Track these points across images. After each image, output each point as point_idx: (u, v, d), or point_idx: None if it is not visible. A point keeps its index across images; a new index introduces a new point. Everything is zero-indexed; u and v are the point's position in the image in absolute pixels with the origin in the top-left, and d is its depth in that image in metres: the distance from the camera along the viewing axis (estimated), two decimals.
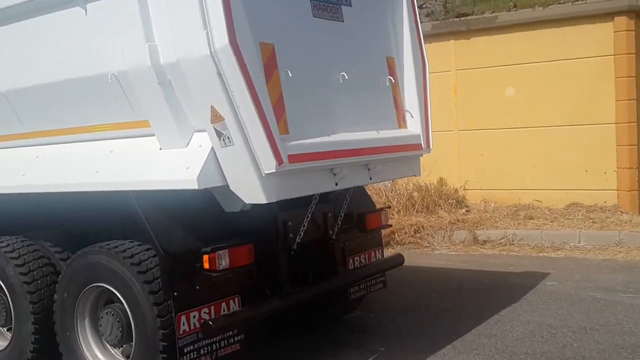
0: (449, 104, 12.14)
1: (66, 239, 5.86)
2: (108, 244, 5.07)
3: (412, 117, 6.14)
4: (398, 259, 6.67)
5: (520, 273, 8.70)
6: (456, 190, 12.01)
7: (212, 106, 4.57)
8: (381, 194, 11.67)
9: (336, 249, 6.03)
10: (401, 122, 6.07)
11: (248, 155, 4.58)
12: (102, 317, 5.23)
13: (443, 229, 10.76)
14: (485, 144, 11.92)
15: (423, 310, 7.31)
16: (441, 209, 11.47)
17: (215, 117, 4.59)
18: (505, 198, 11.68)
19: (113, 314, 5.13)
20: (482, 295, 7.74)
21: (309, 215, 5.46)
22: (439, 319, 6.92)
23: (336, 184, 5.28)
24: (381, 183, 11.72)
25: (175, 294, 4.75)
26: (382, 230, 6.74)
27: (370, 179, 5.68)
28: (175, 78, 4.71)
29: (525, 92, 11.47)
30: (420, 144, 6.08)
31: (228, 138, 4.60)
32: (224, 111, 4.54)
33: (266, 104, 4.59)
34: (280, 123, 4.75)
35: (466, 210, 11.55)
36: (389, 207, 7.63)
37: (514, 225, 10.65)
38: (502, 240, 10.27)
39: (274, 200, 4.72)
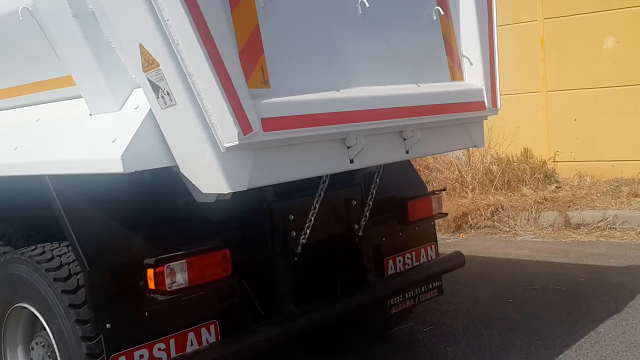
0: (534, 60, 10.05)
1: None
2: (31, 249, 3.56)
3: (472, 64, 4.31)
4: (456, 259, 4.88)
5: (625, 268, 6.70)
6: (544, 162, 9.95)
7: (140, 45, 2.95)
8: (452, 168, 9.78)
9: (365, 248, 4.33)
10: (455, 72, 4.26)
11: (198, 120, 2.94)
12: (32, 349, 3.76)
13: (527, 209, 8.80)
14: (579, 106, 9.78)
15: (495, 323, 5.49)
16: (525, 185, 9.48)
17: (147, 63, 2.96)
18: (604, 171, 9.54)
19: (43, 345, 3.65)
20: (575, 301, 5.82)
21: (317, 205, 3.78)
22: (516, 337, 5.10)
23: (351, 161, 3.56)
24: (453, 154, 9.83)
25: (107, 326, 3.19)
26: (435, 221, 4.96)
27: (407, 152, 3.92)
28: (98, 7, 3.10)
29: (628, 42, 9.23)
30: (483, 102, 4.25)
31: (167, 94, 2.97)
32: (157, 52, 2.91)
33: (226, 40, 2.92)
34: (252, 71, 3.07)
35: (556, 187, 9.50)
36: (444, 189, 5.74)
37: (616, 204, 8.56)
38: (600, 224, 8.23)
39: (245, 188, 3.07)
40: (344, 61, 3.57)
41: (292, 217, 3.80)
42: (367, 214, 4.17)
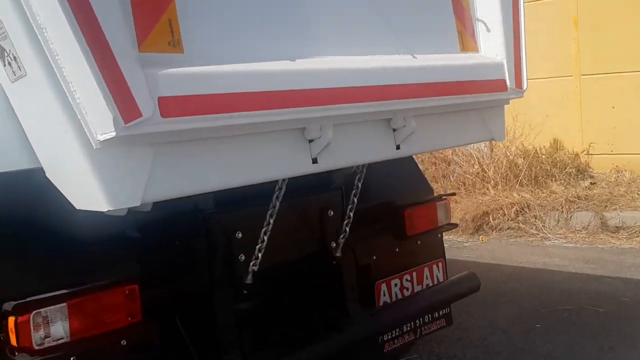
0: (567, 40, 8.87)
1: None
2: None
3: (489, 31, 3.20)
4: (469, 283, 3.78)
5: None
6: (576, 155, 8.75)
7: None
8: (472, 162, 8.62)
9: (346, 272, 3.26)
10: (466, 40, 3.14)
11: (56, 99, 1.89)
12: None
13: (557, 209, 7.63)
14: (617, 92, 8.59)
15: (516, 356, 4.39)
16: (555, 181, 8.30)
17: None
18: None
19: None
20: (617, 328, 4.69)
21: (270, 220, 2.72)
22: None
23: (314, 161, 2.49)
24: (474, 146, 8.68)
25: None
26: (442, 233, 3.86)
27: (398, 147, 2.82)
28: None
29: None
30: (504, 81, 3.14)
31: (14, 59, 1.93)
32: None
33: None
34: (153, 27, 2.01)
35: (590, 183, 8.30)
36: (454, 193, 4.60)
37: None
38: None
39: (138, 204, 2.01)
40: (305, 18, 2.49)
41: (240, 234, 2.75)
42: (347, 228, 3.10)
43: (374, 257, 3.53)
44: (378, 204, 3.56)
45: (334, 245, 3.13)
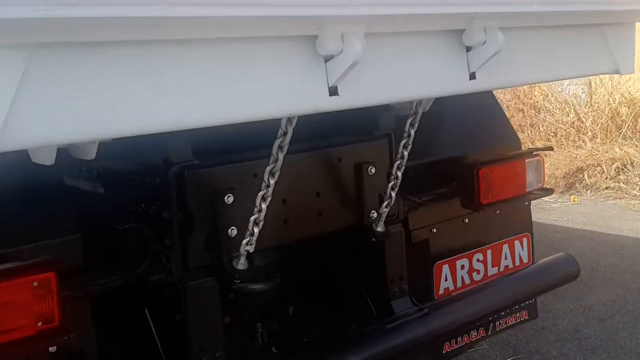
0: None
1: None
2: None
3: None
4: (564, 270, 2.73)
5: None
6: None
7: None
8: (567, 109, 7.37)
9: (391, 253, 2.29)
10: None
11: None
12: None
13: None
14: None
15: (615, 354, 3.37)
16: None
17: None
18: None
19: None
20: None
21: (269, 180, 1.79)
22: None
23: (333, 91, 1.53)
24: (569, 89, 7.41)
25: None
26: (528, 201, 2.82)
27: (473, 77, 1.81)
28: None
29: None
30: None
31: None
32: None
33: None
34: None
35: None
36: (551, 148, 3.39)
37: None
38: None
39: None
40: None
41: (230, 199, 1.85)
42: (393, 192, 2.13)
43: (433, 231, 2.56)
44: (440, 159, 2.57)
45: (375, 215, 2.18)
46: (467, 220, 2.66)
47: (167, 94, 1.30)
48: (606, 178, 6.48)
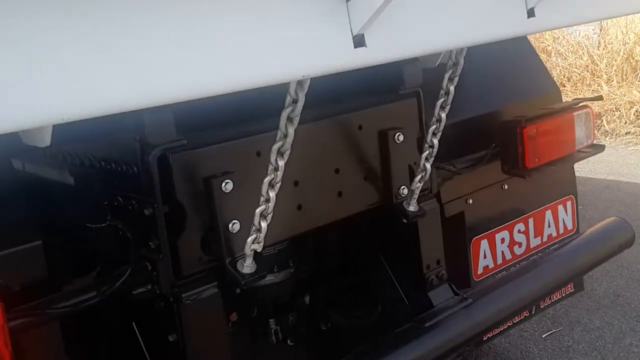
0: None
1: None
2: None
3: None
4: (620, 235, 2.35)
5: None
6: None
7: None
8: (580, 52, 6.91)
9: (425, 237, 1.89)
10: None
11: None
12: None
13: None
14: None
15: None
16: None
17: None
18: None
19: None
20: None
21: (278, 162, 1.38)
22: None
23: (358, 41, 1.12)
24: (581, 31, 6.94)
25: None
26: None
27: (532, 14, 1.40)
28: None
29: None
30: None
31: None
32: None
33: None
34: None
35: None
36: (600, 97, 2.95)
37: None
38: None
39: None
40: None
41: (229, 185, 1.45)
42: (427, 164, 1.73)
43: (469, 202, 2.17)
44: (473, 117, 2.16)
45: (405, 192, 1.78)
46: (506, 187, 2.27)
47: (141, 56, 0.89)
48: (625, 123, 6.07)
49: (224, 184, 1.45)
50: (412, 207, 1.78)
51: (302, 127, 1.53)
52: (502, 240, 2.30)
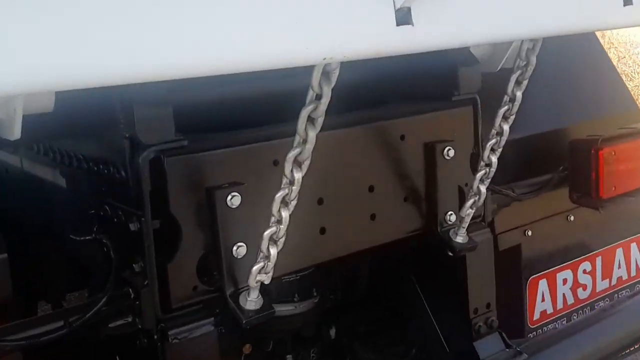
0: None
1: None
2: None
3: None
4: None
5: None
6: None
7: None
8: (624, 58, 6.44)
9: (474, 275, 1.57)
10: None
11: None
12: None
13: None
14: None
15: None
16: None
17: None
18: None
19: None
20: None
21: (294, 175, 1.08)
22: None
23: (401, 17, 0.82)
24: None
25: None
26: None
27: (629, 0, 1.08)
28: None
29: None
30: None
31: None
32: None
33: None
34: None
35: None
36: None
37: None
38: None
39: None
40: None
41: (236, 200, 1.16)
42: (482, 186, 1.41)
43: (528, 234, 1.84)
44: (536, 133, 1.83)
45: (453, 219, 1.47)
46: (572, 218, 1.93)
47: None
48: None
49: (230, 198, 1.17)
50: (461, 238, 1.47)
51: (330, 133, 1.26)
52: (564, 281, 1.95)
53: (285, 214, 1.10)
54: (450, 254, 1.47)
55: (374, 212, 1.40)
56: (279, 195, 1.08)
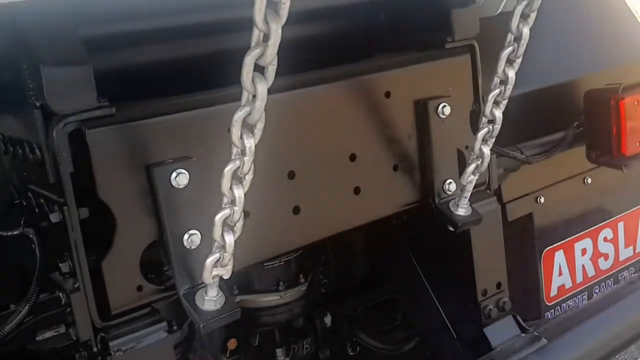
0: None
1: None
2: None
3: None
4: None
5: None
6: None
7: None
8: None
9: (481, 252, 1.34)
10: None
11: None
12: None
13: None
14: None
15: None
16: None
17: None
18: None
19: None
20: None
21: (246, 144, 0.85)
22: None
23: None
24: None
25: None
26: None
27: None
28: None
29: None
30: None
31: None
32: None
33: None
34: None
35: None
36: None
37: None
38: None
39: None
40: None
41: (183, 180, 0.94)
42: (485, 147, 1.17)
43: (540, 200, 1.61)
44: (547, 86, 1.59)
45: (453, 188, 1.24)
46: (589, 181, 1.70)
47: None
48: None
49: (175, 176, 0.95)
50: (463, 210, 1.24)
51: (300, 92, 1.04)
52: (583, 251, 1.72)
53: (238, 192, 0.87)
54: (451, 229, 1.24)
55: (358, 185, 1.17)
56: (229, 169, 0.85)
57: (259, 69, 0.80)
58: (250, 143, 0.83)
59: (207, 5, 0.92)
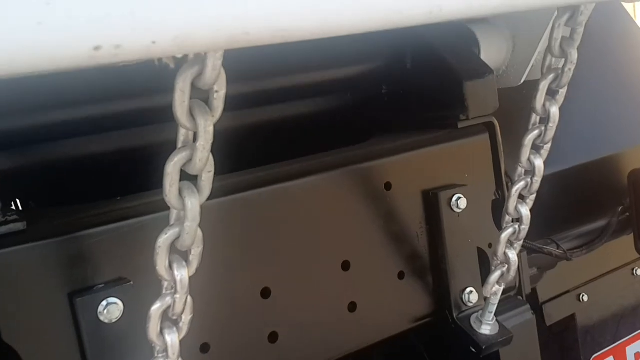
0: None
1: None
2: None
3: None
4: None
5: None
6: None
7: None
8: None
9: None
10: None
11: None
12: None
13: None
14: None
15: None
16: None
17: None
18: None
19: None
20: None
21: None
22: None
23: None
24: None
25: None
26: None
27: None
28: None
29: None
30: None
31: None
32: None
33: None
34: None
35: None
36: None
37: None
38: None
39: None
40: None
41: (113, 310, 0.70)
42: (511, 254, 0.92)
43: (583, 299, 1.33)
44: (592, 162, 1.34)
45: (473, 299, 0.99)
46: (638, 272, 1.42)
47: None
48: None
49: (103, 308, 0.71)
50: (488, 327, 0.98)
51: (275, 188, 0.82)
52: (637, 355, 1.43)
53: (171, 339, 0.63)
54: (473, 350, 0.98)
55: (353, 300, 0.92)
56: (156, 309, 0.62)
57: (190, 177, 0.57)
58: (182, 275, 0.60)
59: (126, 92, 0.71)
